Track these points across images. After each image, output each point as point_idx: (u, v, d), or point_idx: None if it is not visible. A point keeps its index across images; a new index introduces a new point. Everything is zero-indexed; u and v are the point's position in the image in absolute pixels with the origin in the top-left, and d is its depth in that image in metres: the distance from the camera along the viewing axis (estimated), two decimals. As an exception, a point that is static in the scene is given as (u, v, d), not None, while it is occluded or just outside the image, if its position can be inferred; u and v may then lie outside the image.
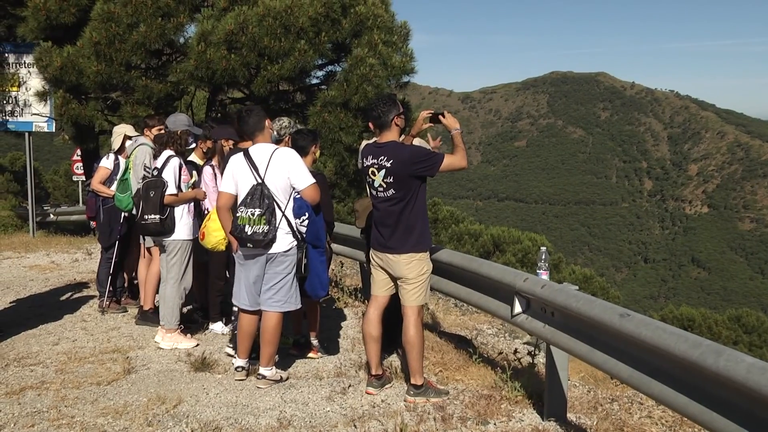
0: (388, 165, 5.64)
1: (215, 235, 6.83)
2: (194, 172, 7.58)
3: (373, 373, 6.16)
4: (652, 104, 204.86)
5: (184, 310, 7.74)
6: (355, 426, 5.32)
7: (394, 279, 5.91)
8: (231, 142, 7.55)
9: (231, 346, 6.95)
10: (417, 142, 6.59)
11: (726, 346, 3.97)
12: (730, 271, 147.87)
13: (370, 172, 5.79)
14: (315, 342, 7.23)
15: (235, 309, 6.60)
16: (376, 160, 5.74)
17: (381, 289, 6.04)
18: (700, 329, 27.34)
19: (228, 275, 7.64)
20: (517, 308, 5.99)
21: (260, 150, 6.03)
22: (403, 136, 6.21)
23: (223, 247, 6.90)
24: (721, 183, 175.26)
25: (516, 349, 7.50)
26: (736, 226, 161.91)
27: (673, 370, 4.19)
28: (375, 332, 6.02)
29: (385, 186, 5.69)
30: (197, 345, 7.27)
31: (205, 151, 8.00)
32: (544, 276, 6.36)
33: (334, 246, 9.54)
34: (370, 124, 6.16)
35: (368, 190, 5.96)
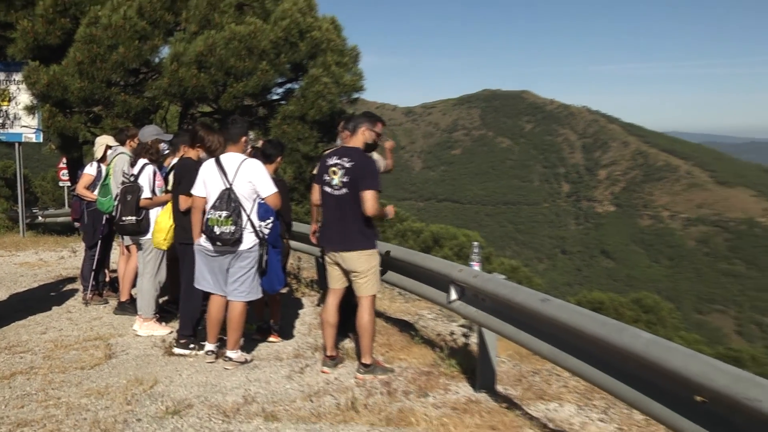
0: (348, 166, 5.63)
1: (157, 235, 6.83)
2: (170, 177, 7.50)
3: (328, 354, 6.16)
4: (568, 118, 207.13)
5: (160, 301, 7.63)
6: (311, 401, 5.32)
7: (347, 273, 5.89)
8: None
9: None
10: (375, 156, 6.62)
11: (628, 325, 4.03)
12: (632, 260, 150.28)
13: (330, 171, 5.76)
14: (276, 327, 7.22)
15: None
16: (339, 161, 5.72)
17: (337, 283, 6.03)
18: (608, 311, 27.76)
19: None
20: (453, 295, 6.02)
21: (230, 159, 5.99)
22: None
23: (164, 247, 6.89)
24: (626, 185, 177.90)
25: (452, 331, 7.55)
26: (637, 223, 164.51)
27: (586, 346, 4.24)
28: (332, 319, 6.06)
29: (340, 185, 5.66)
30: (171, 332, 7.18)
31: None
32: (477, 267, 6.41)
33: (293, 243, 9.51)
34: (344, 129, 6.39)
35: (322, 188, 5.92)
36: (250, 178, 5.93)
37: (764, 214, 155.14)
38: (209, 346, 6.33)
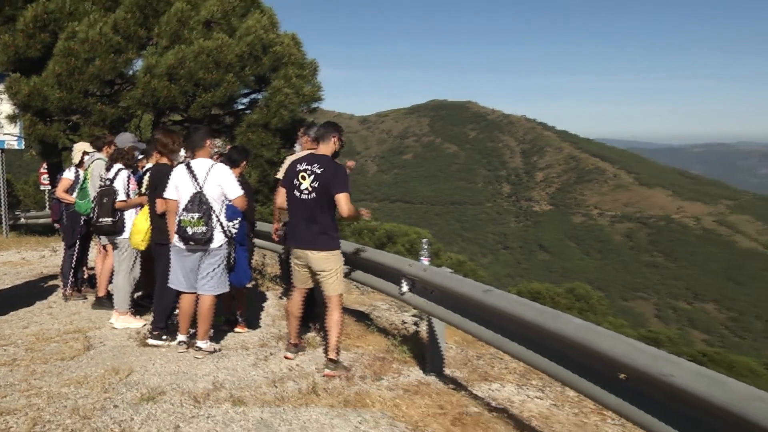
0: (318, 172, 5.57)
1: (135, 236, 6.75)
2: (144, 180, 7.41)
3: (292, 341, 6.15)
4: (508, 126, 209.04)
5: (135, 296, 7.53)
6: (275, 386, 5.28)
7: (314, 274, 5.84)
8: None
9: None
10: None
11: (562, 312, 4.08)
12: (566, 254, 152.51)
13: (299, 176, 5.69)
14: (242, 319, 7.16)
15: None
16: (309, 167, 5.65)
17: (302, 283, 5.97)
18: (545, 299, 28.13)
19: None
20: (405, 288, 6.02)
21: (200, 164, 5.92)
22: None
23: (143, 247, 6.80)
24: (560, 187, 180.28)
25: (404, 320, 7.56)
26: (571, 220, 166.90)
27: (525, 332, 4.29)
28: (297, 312, 6.04)
29: (310, 190, 5.61)
30: (145, 324, 7.07)
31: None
32: (426, 262, 6.42)
33: (259, 241, 9.47)
34: (305, 135, 6.63)
35: (291, 191, 5.87)
36: (218, 181, 5.87)
37: (678, 211, 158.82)
38: (181, 337, 6.25)
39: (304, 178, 5.67)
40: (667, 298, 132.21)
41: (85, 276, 9.12)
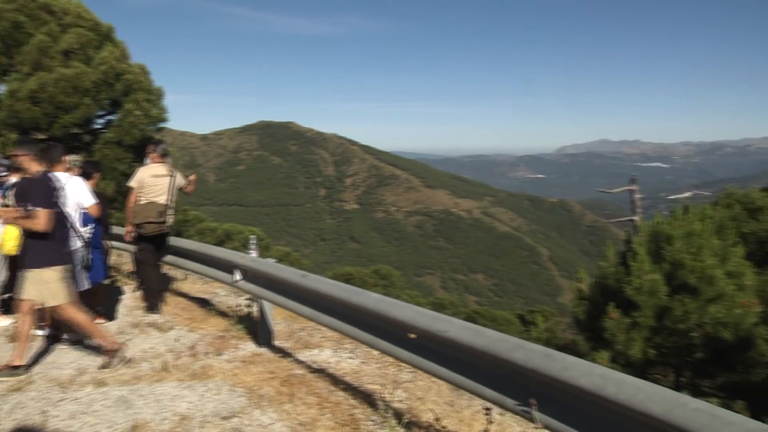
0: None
1: (8, 243, 6.13)
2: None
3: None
4: (322, 142, 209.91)
5: (5, 296, 6.77)
6: (132, 367, 5.02)
7: None
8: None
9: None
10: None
11: (366, 290, 4.19)
12: (372, 243, 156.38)
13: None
14: (101, 311, 6.67)
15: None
16: None
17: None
18: (356, 280, 28.66)
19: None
20: (237, 277, 5.92)
21: (58, 178, 5.48)
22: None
23: (15, 252, 6.17)
24: (365, 190, 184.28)
25: (239, 303, 7.41)
26: (374, 216, 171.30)
27: (335, 307, 4.36)
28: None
29: None
30: (15, 322, 6.39)
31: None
32: (254, 254, 6.32)
33: (116, 243, 8.90)
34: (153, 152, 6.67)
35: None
36: (74, 192, 5.60)
37: (456, 206, 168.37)
38: (48, 330, 5.79)
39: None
40: (449, 272, 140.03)
41: None
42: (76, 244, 5.60)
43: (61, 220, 5.01)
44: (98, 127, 14.75)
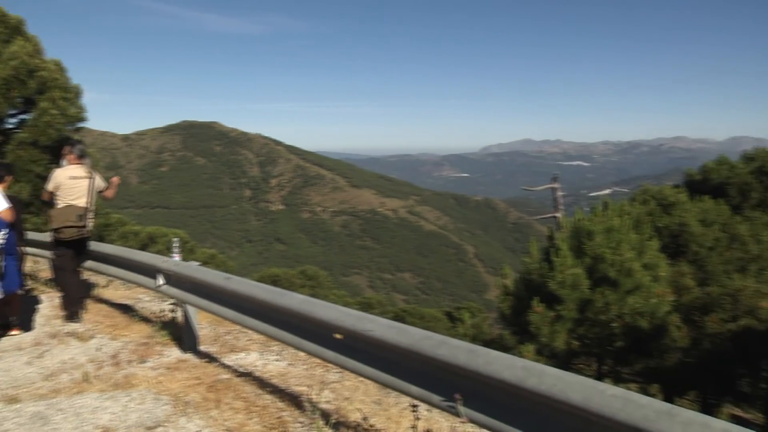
0: None
1: None
2: None
3: None
4: (247, 142, 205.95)
5: None
6: (50, 380, 4.76)
7: None
8: None
9: None
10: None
11: (291, 291, 4.16)
12: (298, 243, 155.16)
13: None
14: (16, 322, 6.28)
15: None
16: None
17: None
18: (283, 282, 28.36)
19: None
20: (161, 281, 5.74)
21: None
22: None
23: None
24: (290, 190, 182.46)
25: (163, 309, 7.18)
26: (300, 216, 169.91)
27: (260, 309, 4.31)
28: None
29: None
30: None
31: None
32: (177, 258, 6.14)
33: (32, 249, 8.43)
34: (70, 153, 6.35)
35: None
36: None
37: (381, 206, 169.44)
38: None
39: None
40: (376, 272, 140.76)
41: None
42: None
43: None
44: (10, 126, 13.97)
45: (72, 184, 6.48)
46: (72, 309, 6.75)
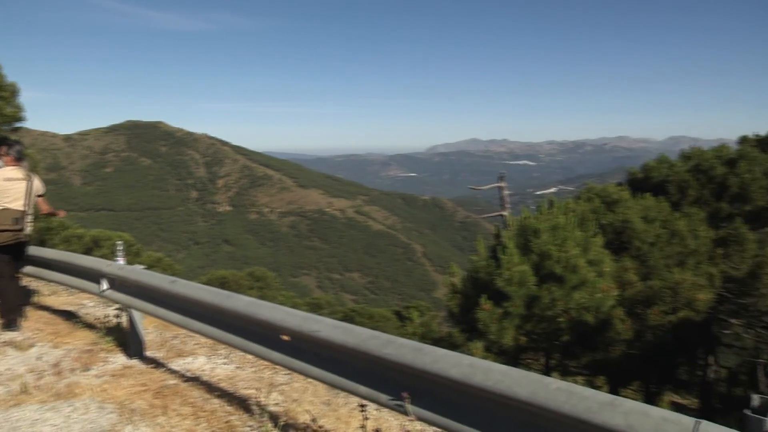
0: None
1: None
2: None
3: None
4: (192, 142, 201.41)
5: None
6: (-20, 393, 4.51)
7: None
8: None
9: None
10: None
11: (237, 293, 4.12)
12: (246, 245, 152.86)
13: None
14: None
15: None
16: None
17: None
18: (231, 284, 27.89)
19: None
20: (105, 286, 5.59)
21: None
22: None
23: None
24: (238, 191, 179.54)
25: (107, 314, 6.98)
26: (248, 217, 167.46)
27: (206, 312, 4.25)
28: None
29: None
30: None
31: None
32: (121, 261, 5.99)
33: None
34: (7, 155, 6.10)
35: None
36: None
37: (329, 206, 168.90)
38: None
39: None
40: (325, 272, 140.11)
41: None
42: None
43: None
44: (-59, 126, 13.28)
45: (8, 186, 6.22)
46: (9, 317, 6.47)
